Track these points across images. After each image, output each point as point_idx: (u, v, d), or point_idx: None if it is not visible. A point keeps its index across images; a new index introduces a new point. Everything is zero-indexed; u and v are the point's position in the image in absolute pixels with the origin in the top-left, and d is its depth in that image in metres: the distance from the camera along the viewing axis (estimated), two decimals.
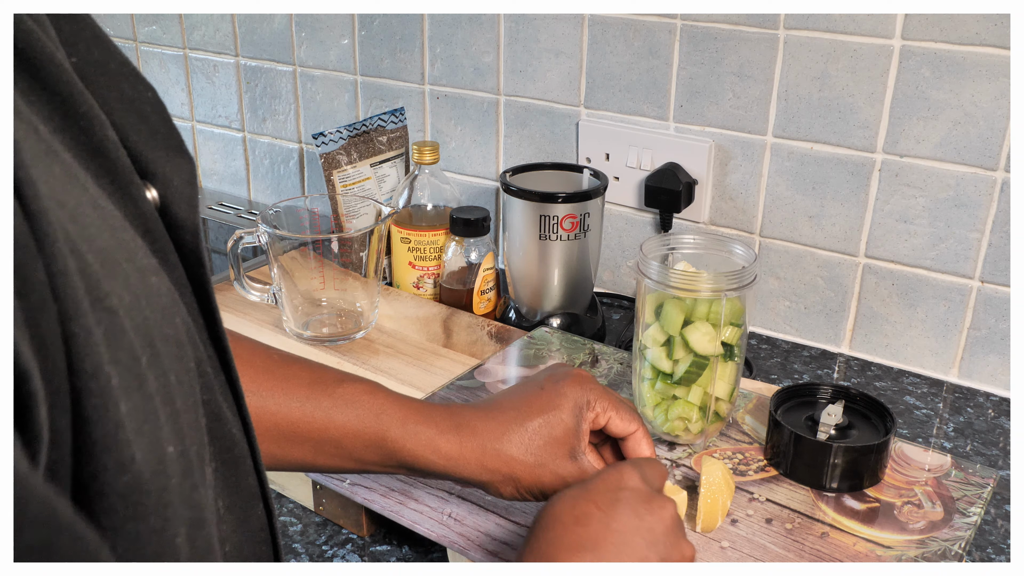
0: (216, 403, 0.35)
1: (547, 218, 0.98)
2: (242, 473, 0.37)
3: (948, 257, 0.95)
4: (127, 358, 0.27)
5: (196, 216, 0.36)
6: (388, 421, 0.61)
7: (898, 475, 0.76)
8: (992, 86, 0.88)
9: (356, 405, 0.61)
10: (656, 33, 1.03)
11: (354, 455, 0.61)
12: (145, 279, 0.29)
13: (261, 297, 0.98)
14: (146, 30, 1.50)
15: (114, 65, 0.34)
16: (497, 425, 0.62)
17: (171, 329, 0.30)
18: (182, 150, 0.36)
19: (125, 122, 0.34)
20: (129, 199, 0.32)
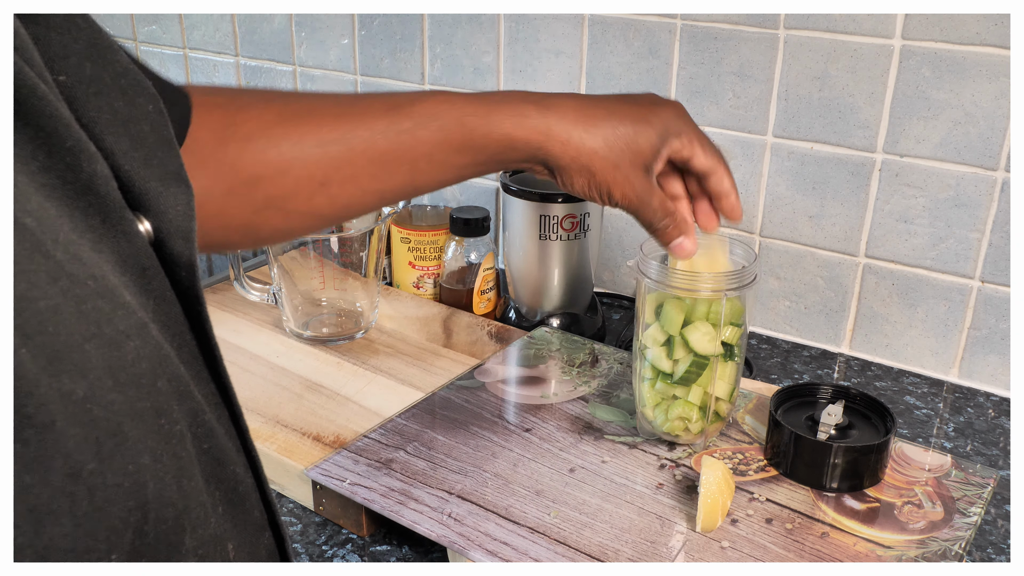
0: (218, 447, 0.34)
1: (547, 218, 0.98)
2: (248, 508, 0.37)
3: (948, 257, 0.95)
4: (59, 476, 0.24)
5: (192, 251, 0.34)
6: (471, 121, 0.61)
7: (898, 475, 0.76)
8: (992, 86, 0.88)
9: (437, 117, 0.61)
10: (656, 33, 1.03)
11: (448, 162, 0.62)
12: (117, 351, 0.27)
13: (261, 297, 0.98)
14: (146, 30, 1.50)
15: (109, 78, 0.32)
16: (586, 116, 0.63)
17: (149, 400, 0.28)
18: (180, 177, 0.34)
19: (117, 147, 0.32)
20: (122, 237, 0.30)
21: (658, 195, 0.65)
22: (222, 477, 0.35)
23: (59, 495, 0.24)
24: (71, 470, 0.25)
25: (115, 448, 0.26)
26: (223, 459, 0.35)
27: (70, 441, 0.25)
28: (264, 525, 0.39)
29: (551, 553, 0.66)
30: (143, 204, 0.33)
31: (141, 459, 0.27)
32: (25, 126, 0.27)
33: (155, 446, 0.28)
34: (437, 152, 0.61)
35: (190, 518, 0.31)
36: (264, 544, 0.39)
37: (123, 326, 0.28)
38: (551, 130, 0.62)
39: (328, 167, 0.60)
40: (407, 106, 0.62)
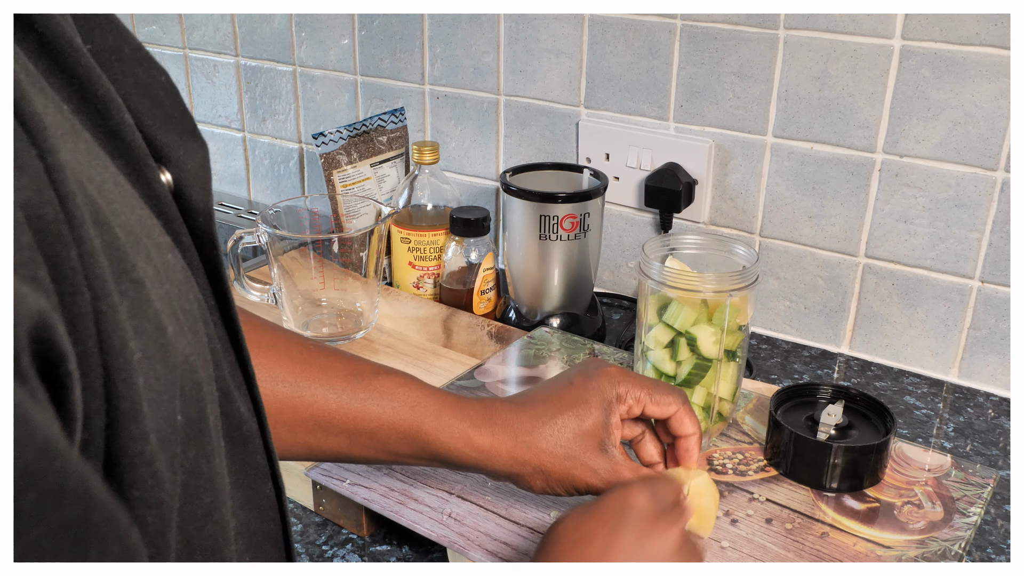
0: (224, 380, 0.36)
1: (547, 218, 0.98)
2: (250, 451, 0.38)
3: (948, 257, 0.95)
4: (152, 328, 0.27)
5: (209, 199, 0.36)
6: (423, 414, 0.61)
7: (898, 475, 0.76)
8: (992, 86, 0.88)
9: (392, 398, 0.62)
10: (656, 33, 1.03)
11: (388, 447, 0.62)
12: (163, 255, 0.30)
13: (261, 297, 0.98)
14: (146, 30, 1.50)
15: (128, 50, 0.35)
16: (528, 419, 0.63)
17: (187, 304, 0.31)
18: (195, 134, 0.36)
19: (140, 107, 0.34)
20: (144, 181, 0.33)
21: (626, 468, 0.63)
22: (227, 411, 0.36)
23: (153, 344, 0.27)
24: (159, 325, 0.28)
25: (179, 327, 0.29)
26: (229, 393, 0.36)
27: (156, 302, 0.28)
28: (266, 474, 0.39)
29: None
30: (164, 157, 0.35)
31: (189, 350, 0.30)
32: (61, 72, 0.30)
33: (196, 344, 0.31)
34: (382, 432, 0.61)
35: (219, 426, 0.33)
36: (265, 493, 0.39)
37: (161, 239, 0.31)
38: (496, 440, 0.61)
39: (272, 407, 0.59)
40: (368, 377, 0.62)
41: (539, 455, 0.62)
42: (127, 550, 0.24)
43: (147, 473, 0.27)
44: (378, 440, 0.62)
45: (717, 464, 0.77)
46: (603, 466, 0.63)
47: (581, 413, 0.63)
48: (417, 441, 0.61)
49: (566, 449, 0.62)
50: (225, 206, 1.48)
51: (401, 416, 0.61)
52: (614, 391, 0.64)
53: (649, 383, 0.66)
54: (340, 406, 0.61)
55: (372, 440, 0.62)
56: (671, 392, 0.66)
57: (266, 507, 0.39)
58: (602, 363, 0.68)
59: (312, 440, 0.61)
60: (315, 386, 0.61)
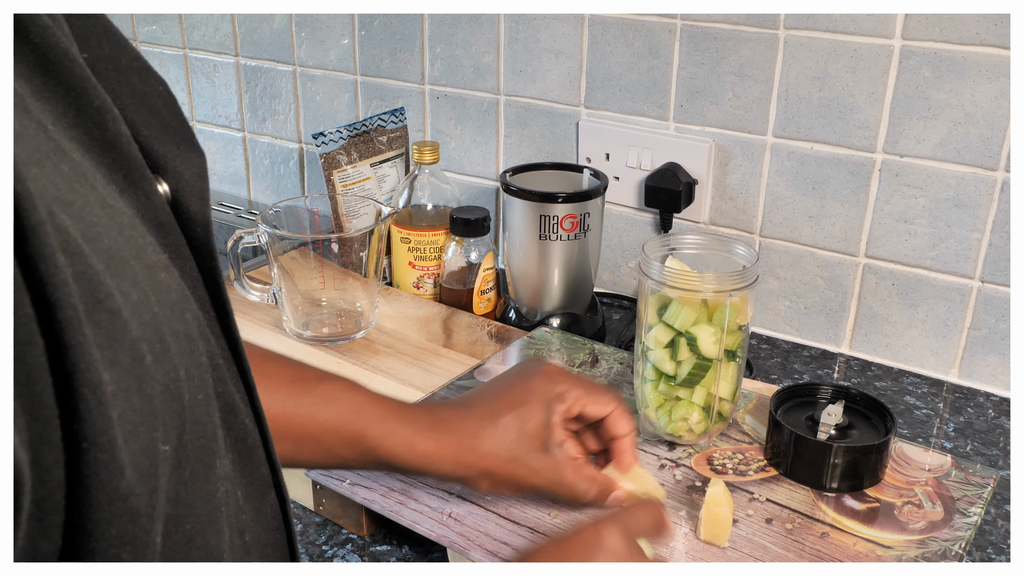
0: (230, 394, 0.36)
1: (547, 218, 0.98)
2: (255, 462, 0.38)
3: (948, 257, 0.95)
4: (128, 359, 0.27)
5: (207, 210, 0.36)
6: (367, 419, 0.62)
7: (898, 475, 0.76)
8: (992, 86, 0.88)
9: (336, 403, 0.62)
10: (656, 33, 1.03)
11: (333, 451, 0.62)
12: (154, 276, 0.30)
13: (261, 297, 0.98)
14: (146, 30, 1.50)
15: (125, 60, 0.35)
16: (471, 423, 0.63)
17: (181, 324, 0.31)
18: (193, 144, 0.36)
19: (136, 117, 0.34)
20: (141, 193, 0.32)
21: (569, 467, 0.64)
22: (232, 424, 0.36)
23: (128, 374, 0.27)
24: (136, 355, 0.27)
25: (163, 352, 0.29)
26: (233, 407, 0.36)
27: (133, 331, 0.27)
28: (269, 484, 0.40)
29: None
30: (161, 167, 0.35)
31: (179, 372, 0.29)
32: (57, 85, 0.29)
33: (188, 366, 0.30)
34: (326, 437, 0.62)
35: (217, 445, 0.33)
36: (269, 503, 0.39)
37: (155, 258, 0.31)
38: (440, 445, 0.62)
39: None
40: (312, 382, 0.62)
41: (483, 458, 0.63)
42: None
43: (123, 508, 0.26)
44: (323, 445, 0.62)
45: (717, 464, 0.77)
46: (545, 466, 0.64)
47: (523, 414, 0.64)
48: (361, 446, 0.62)
49: (509, 451, 0.63)
50: (225, 206, 1.48)
51: (345, 421, 0.62)
52: (554, 390, 0.65)
53: (586, 383, 0.67)
54: (284, 411, 0.61)
55: (317, 445, 0.62)
56: (607, 392, 0.67)
57: (271, 516, 0.39)
58: (541, 362, 0.69)
59: None
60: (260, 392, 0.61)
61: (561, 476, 0.64)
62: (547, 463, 0.64)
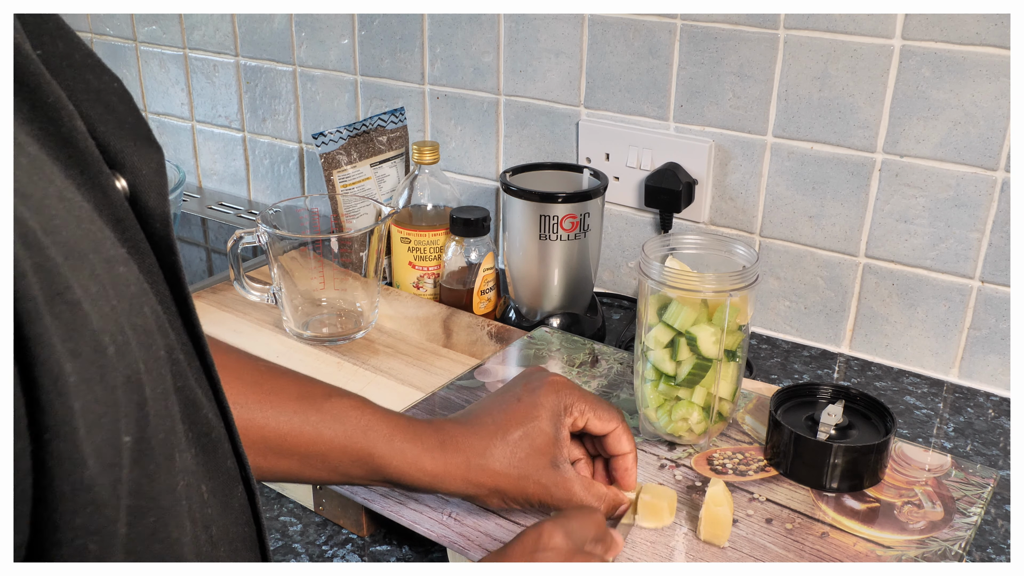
0: (190, 389, 0.36)
1: (547, 218, 0.98)
2: (220, 456, 0.38)
3: (948, 257, 0.95)
4: (90, 350, 0.27)
5: (166, 205, 0.36)
6: (375, 438, 0.61)
7: (898, 475, 0.76)
8: (992, 86, 0.88)
9: (344, 421, 0.62)
10: (656, 33, 1.03)
11: (340, 469, 0.62)
12: (112, 269, 0.30)
13: (261, 297, 0.98)
14: (146, 30, 1.50)
15: (79, 56, 0.34)
16: (479, 440, 0.63)
17: (140, 318, 0.31)
18: (150, 139, 0.36)
19: (92, 113, 0.34)
20: (99, 189, 0.32)
21: (579, 483, 0.64)
22: (195, 419, 0.36)
23: (90, 365, 0.27)
24: (98, 346, 0.27)
25: (124, 344, 0.29)
26: (195, 401, 0.36)
27: (94, 322, 0.27)
28: (237, 478, 0.39)
29: None
30: (119, 163, 0.35)
31: (138, 365, 0.29)
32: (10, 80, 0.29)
33: (147, 359, 0.30)
34: (333, 455, 0.61)
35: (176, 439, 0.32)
36: (237, 497, 0.39)
37: (113, 252, 0.30)
38: (448, 464, 0.62)
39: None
40: (319, 399, 0.62)
41: (494, 477, 0.63)
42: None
43: (87, 499, 0.26)
44: (329, 462, 0.62)
45: (717, 464, 0.77)
46: (555, 483, 0.64)
47: (531, 430, 0.64)
48: (369, 465, 0.62)
49: (519, 469, 0.63)
50: (225, 206, 1.48)
51: (353, 439, 0.61)
52: (561, 403, 0.65)
53: (592, 398, 0.67)
54: (292, 428, 0.61)
55: (323, 462, 0.62)
56: (611, 409, 0.67)
57: (239, 511, 0.39)
58: (545, 372, 0.69)
59: (263, 462, 0.61)
60: (266, 408, 0.60)
61: (571, 493, 0.64)
62: (557, 480, 0.64)
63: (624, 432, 0.67)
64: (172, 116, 1.54)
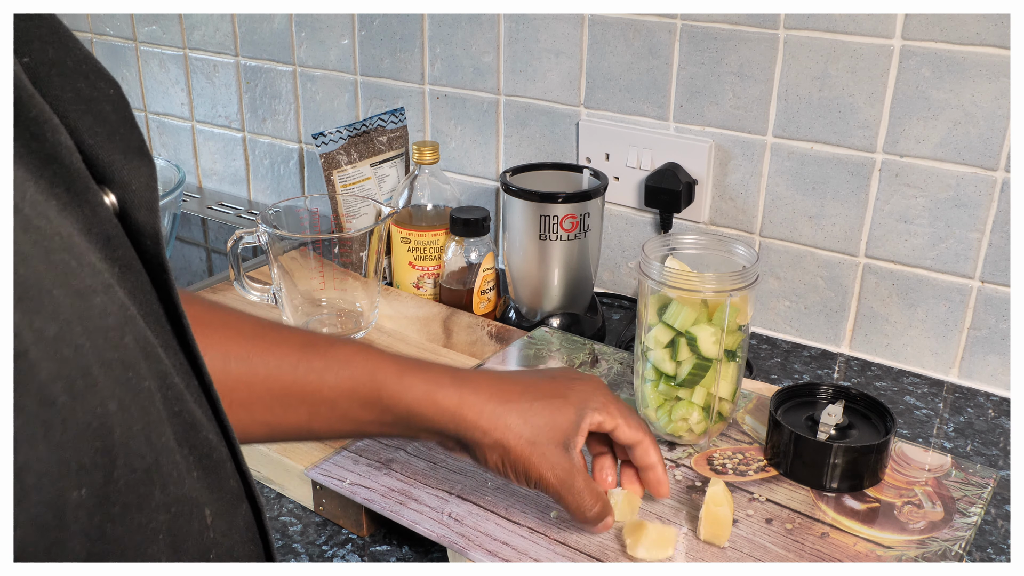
0: (189, 411, 0.35)
1: (547, 218, 0.98)
2: (224, 476, 0.37)
3: (948, 257, 0.95)
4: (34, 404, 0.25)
5: (157, 221, 0.35)
6: (383, 377, 0.60)
7: (898, 475, 0.76)
8: (992, 86, 0.88)
9: (350, 364, 0.60)
10: (656, 33, 1.03)
11: (349, 415, 0.61)
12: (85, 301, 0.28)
13: (261, 297, 0.98)
14: (146, 30, 1.50)
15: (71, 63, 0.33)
16: (500, 391, 0.62)
17: (116, 352, 0.29)
18: (142, 152, 0.35)
19: (80, 124, 0.33)
20: (87, 206, 0.31)
21: (582, 476, 0.63)
22: (195, 442, 0.35)
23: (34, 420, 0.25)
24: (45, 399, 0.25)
25: (85, 388, 0.27)
26: (195, 423, 0.35)
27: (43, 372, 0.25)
28: (241, 496, 0.39)
29: (551, 553, 0.66)
30: (108, 177, 0.33)
31: (109, 405, 0.28)
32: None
33: (123, 396, 0.29)
34: (341, 400, 0.60)
35: (160, 473, 0.31)
36: (242, 515, 0.39)
37: (90, 281, 0.29)
38: (463, 402, 0.61)
39: (223, 384, 0.57)
40: (323, 347, 0.60)
41: (504, 429, 0.61)
42: None
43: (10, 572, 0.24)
44: (338, 409, 0.60)
45: (717, 464, 0.77)
46: (561, 464, 0.62)
47: (557, 405, 0.63)
48: (379, 405, 0.60)
49: (532, 433, 0.62)
50: (225, 206, 1.48)
51: (360, 382, 0.60)
52: (595, 398, 0.65)
53: (624, 406, 0.67)
54: (296, 378, 0.59)
55: (332, 410, 0.60)
56: (641, 421, 0.67)
57: (243, 529, 0.39)
58: (587, 374, 0.68)
59: (270, 417, 0.59)
60: (269, 359, 0.59)
61: (572, 479, 0.63)
62: (563, 462, 0.62)
63: (651, 445, 0.67)
64: (172, 116, 1.54)
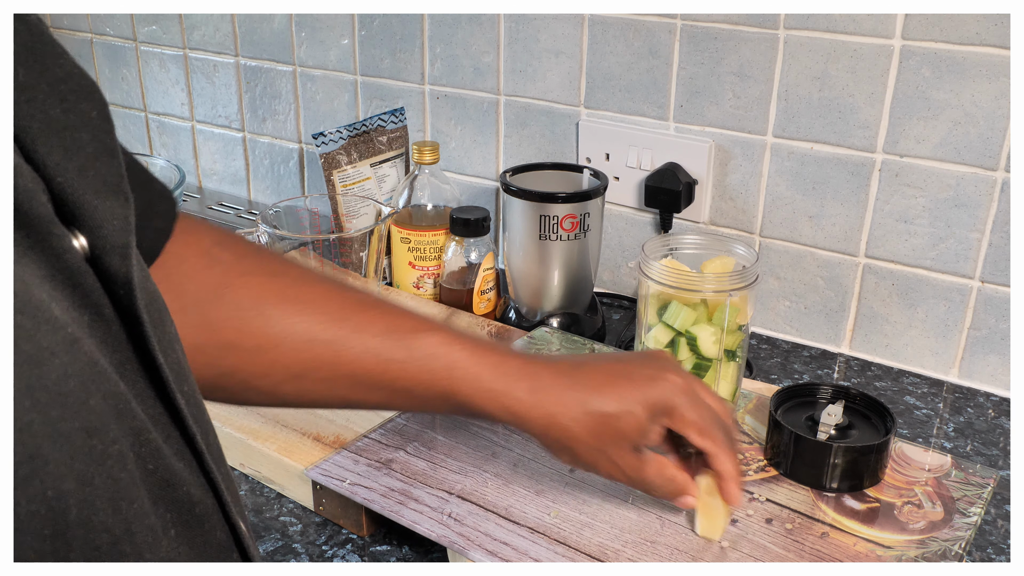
0: (167, 467, 0.33)
1: (547, 218, 0.98)
2: (209, 529, 0.36)
3: (948, 257, 0.95)
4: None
5: (129, 268, 0.32)
6: (460, 376, 0.61)
7: (898, 475, 0.76)
8: (992, 86, 0.88)
9: (430, 359, 0.61)
10: (656, 33, 1.03)
11: (426, 403, 0.62)
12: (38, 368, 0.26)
13: None
14: (146, 30, 1.50)
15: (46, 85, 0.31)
16: (570, 399, 0.62)
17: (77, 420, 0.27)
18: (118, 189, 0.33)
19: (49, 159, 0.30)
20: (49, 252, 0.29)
21: (652, 467, 0.64)
22: (173, 499, 0.33)
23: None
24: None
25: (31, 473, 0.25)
26: (173, 480, 0.33)
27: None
28: (231, 547, 0.38)
29: (551, 553, 0.66)
30: (77, 218, 0.31)
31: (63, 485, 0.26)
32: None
33: (83, 469, 0.27)
34: (418, 390, 0.61)
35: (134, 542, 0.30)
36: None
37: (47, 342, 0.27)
38: (530, 412, 0.61)
39: (309, 363, 0.59)
40: (408, 336, 0.61)
41: (572, 440, 0.62)
42: None
43: None
44: (415, 397, 0.62)
45: None
46: (630, 465, 0.63)
47: (624, 413, 0.62)
48: (452, 401, 0.62)
49: (599, 442, 0.62)
50: (225, 206, 1.48)
51: (438, 377, 0.61)
52: (669, 401, 0.63)
53: (704, 409, 0.64)
54: (378, 364, 0.60)
55: (409, 397, 0.62)
56: (718, 428, 0.65)
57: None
58: (670, 362, 0.67)
59: (351, 394, 0.61)
60: (354, 343, 0.60)
61: (643, 475, 0.64)
62: (633, 463, 0.63)
63: (724, 455, 0.65)
64: (172, 116, 1.54)
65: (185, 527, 0.34)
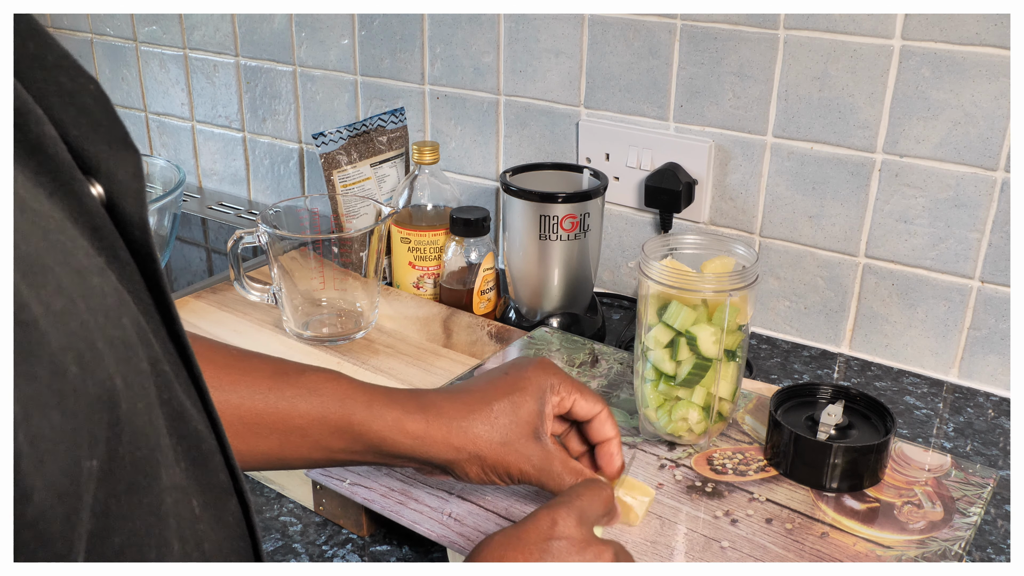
0: (178, 400, 0.35)
1: (547, 218, 0.98)
2: (212, 469, 0.37)
3: (948, 257, 0.95)
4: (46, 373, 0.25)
5: (144, 211, 0.35)
6: (353, 405, 0.61)
7: (898, 475, 0.76)
8: (992, 86, 0.88)
9: (320, 392, 0.61)
10: (656, 33, 1.03)
11: (321, 443, 0.62)
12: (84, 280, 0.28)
13: (261, 297, 0.98)
14: (146, 30, 1.50)
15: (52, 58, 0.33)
16: (463, 405, 0.63)
17: (118, 330, 0.29)
18: (127, 143, 0.35)
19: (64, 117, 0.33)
20: (72, 196, 0.31)
21: (558, 458, 0.64)
22: (183, 432, 0.35)
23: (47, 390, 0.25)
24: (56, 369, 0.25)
25: (93, 361, 0.27)
26: (183, 413, 0.35)
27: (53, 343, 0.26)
28: (230, 490, 0.39)
29: None
30: (94, 168, 0.33)
31: (115, 380, 0.28)
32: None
33: (126, 373, 0.29)
34: (313, 428, 0.61)
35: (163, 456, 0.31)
36: (231, 510, 0.39)
37: (86, 262, 0.29)
38: (430, 425, 0.62)
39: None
40: (294, 375, 0.62)
41: (474, 440, 0.62)
42: None
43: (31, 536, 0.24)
44: (309, 437, 0.61)
45: (717, 464, 0.77)
46: (536, 454, 0.64)
47: (516, 400, 0.64)
48: (349, 433, 0.61)
49: (502, 435, 0.63)
50: (225, 206, 1.48)
51: (330, 410, 0.61)
52: (548, 381, 0.66)
53: (577, 382, 0.67)
54: (267, 406, 0.60)
55: (303, 438, 0.61)
56: (596, 394, 0.68)
57: (233, 524, 0.39)
58: (534, 358, 0.69)
59: (242, 445, 0.60)
60: (240, 388, 0.60)
61: (550, 465, 0.64)
62: (538, 452, 0.64)
63: (608, 417, 0.68)
64: (172, 116, 1.54)
65: (192, 463, 0.35)
